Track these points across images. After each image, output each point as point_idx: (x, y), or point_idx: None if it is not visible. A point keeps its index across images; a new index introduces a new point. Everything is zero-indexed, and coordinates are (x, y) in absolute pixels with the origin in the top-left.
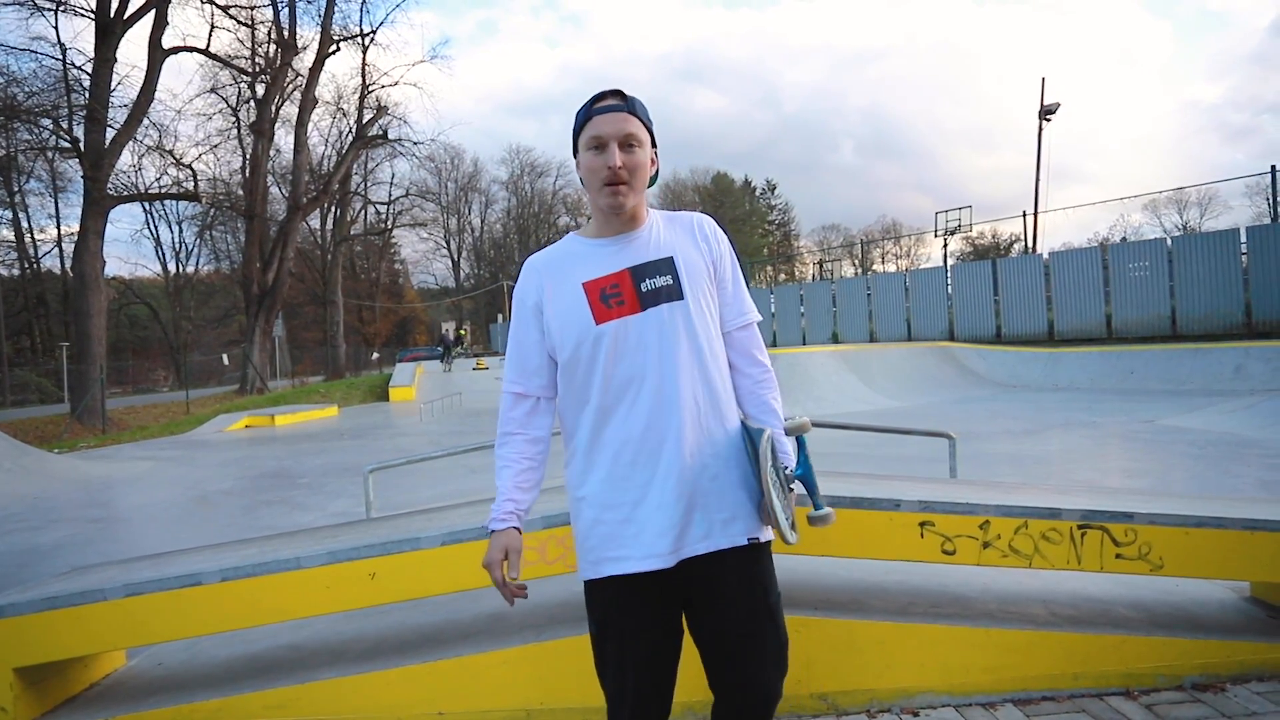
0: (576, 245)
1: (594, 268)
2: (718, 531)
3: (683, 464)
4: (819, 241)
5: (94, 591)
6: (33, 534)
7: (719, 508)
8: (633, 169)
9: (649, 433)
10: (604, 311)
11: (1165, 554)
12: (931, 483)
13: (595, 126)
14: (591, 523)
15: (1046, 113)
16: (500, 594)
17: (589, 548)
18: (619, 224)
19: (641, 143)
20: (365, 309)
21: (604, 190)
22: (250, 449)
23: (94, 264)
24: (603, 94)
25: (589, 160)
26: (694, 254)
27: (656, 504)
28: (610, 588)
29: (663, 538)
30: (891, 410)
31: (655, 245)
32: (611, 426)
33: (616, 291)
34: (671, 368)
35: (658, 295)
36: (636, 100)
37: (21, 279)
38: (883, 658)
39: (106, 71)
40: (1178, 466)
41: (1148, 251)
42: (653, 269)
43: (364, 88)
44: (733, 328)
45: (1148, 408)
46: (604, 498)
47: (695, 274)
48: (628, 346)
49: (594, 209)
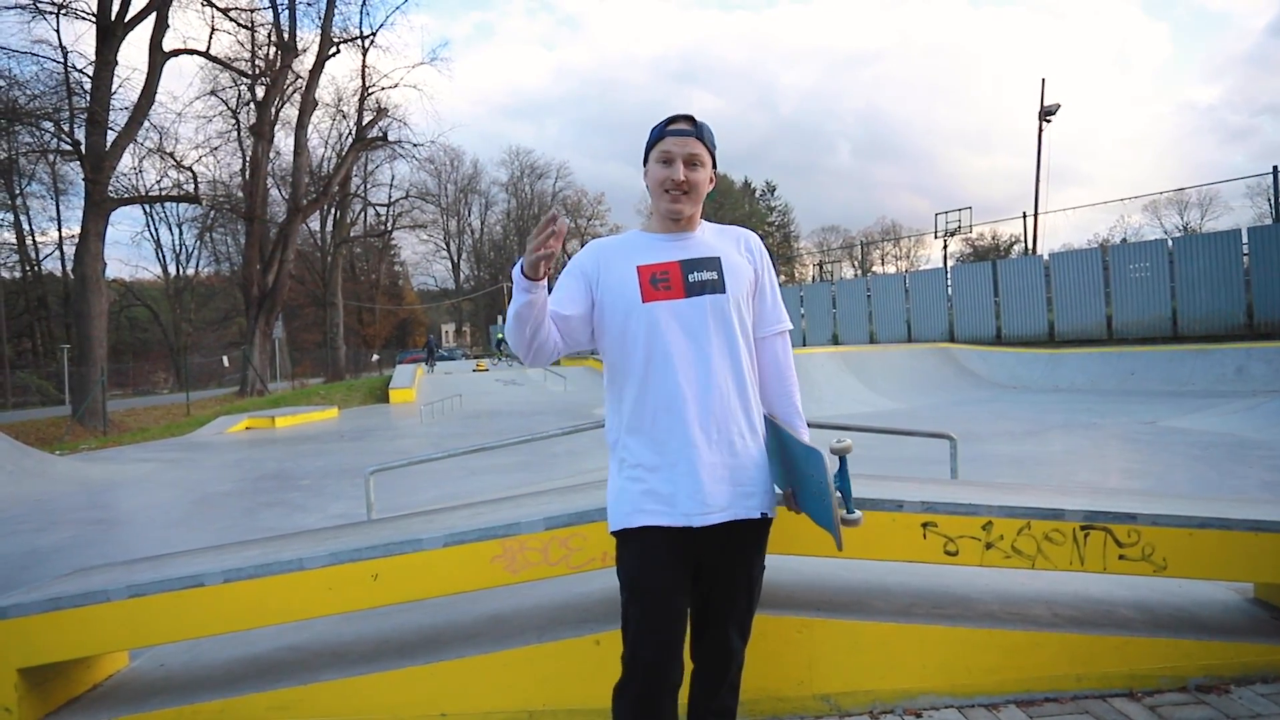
0: (637, 237)
1: (649, 255)
2: (739, 503)
3: (710, 438)
4: (818, 243)
5: (97, 593)
6: (34, 536)
7: (740, 481)
8: (694, 184)
9: (684, 405)
10: (651, 292)
11: (1169, 555)
12: (934, 484)
13: (666, 144)
14: (630, 479)
15: (1046, 113)
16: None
17: (626, 498)
18: (676, 227)
19: (704, 164)
20: (365, 311)
21: (665, 196)
22: (251, 451)
23: (95, 266)
24: (677, 117)
25: (657, 171)
26: (739, 261)
27: (686, 470)
28: (643, 539)
29: (691, 499)
30: (891, 411)
31: (705, 246)
32: (651, 395)
33: (665, 278)
34: (705, 351)
35: (703, 286)
36: (705, 126)
37: (23, 281)
38: (885, 659)
39: (107, 74)
40: (1179, 468)
41: (1148, 252)
42: (701, 264)
43: (364, 90)
44: (769, 333)
45: (1149, 409)
46: (642, 458)
47: (738, 277)
48: (669, 326)
49: (655, 212)
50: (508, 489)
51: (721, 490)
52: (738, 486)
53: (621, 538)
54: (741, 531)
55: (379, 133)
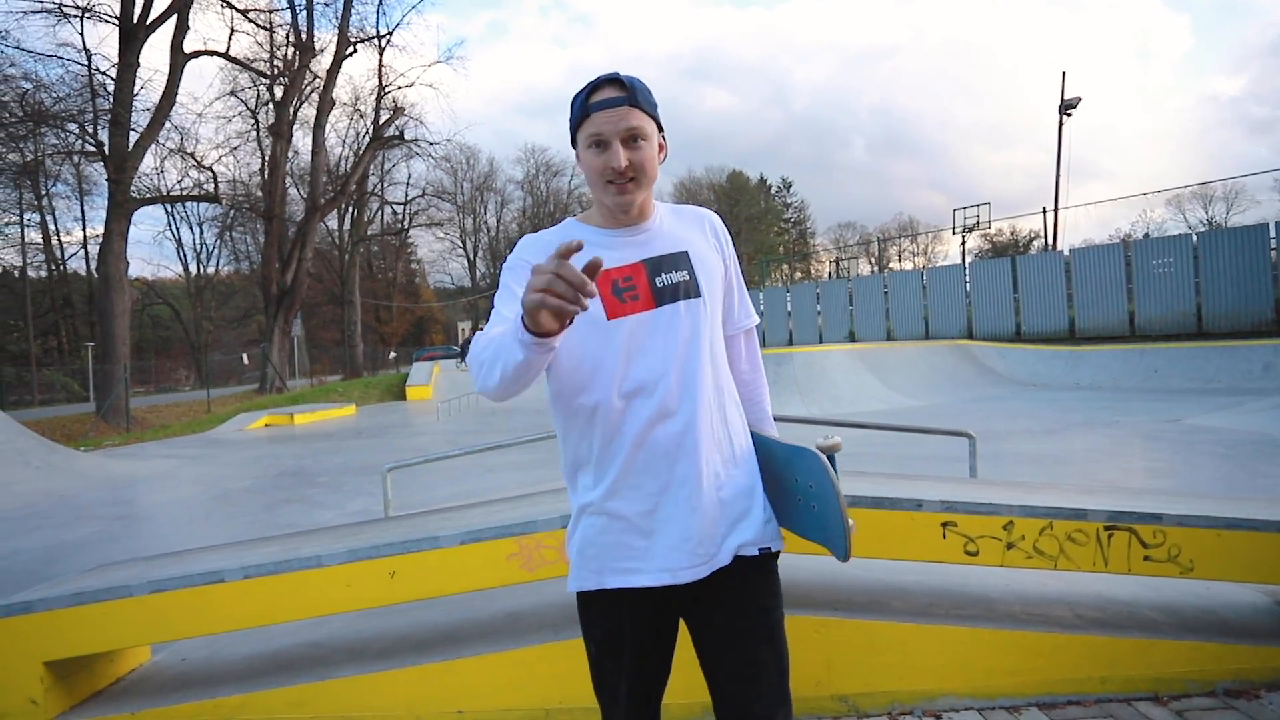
0: (581, 231)
1: (604, 257)
2: (729, 544)
3: (699, 471)
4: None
5: (120, 588)
6: (60, 530)
7: (732, 519)
8: (640, 165)
9: (664, 438)
10: (616, 306)
11: (1196, 556)
12: (953, 482)
13: (594, 124)
14: (598, 530)
15: (1067, 107)
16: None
17: (590, 556)
18: (626, 217)
19: (648, 136)
20: (382, 308)
21: (609, 190)
22: (270, 448)
23: (118, 265)
24: (598, 83)
25: (590, 159)
26: (708, 251)
27: (669, 515)
28: (613, 601)
29: (676, 551)
30: (909, 409)
31: (668, 238)
32: (624, 430)
33: (630, 285)
34: (687, 369)
35: (675, 291)
36: (637, 85)
37: (49, 280)
38: (904, 659)
39: (130, 76)
40: (1205, 467)
41: (1172, 248)
42: (668, 263)
43: (380, 89)
44: (738, 330)
45: (1173, 407)
46: (613, 505)
47: (710, 272)
48: (642, 345)
49: (598, 204)
50: (524, 486)
51: (711, 534)
52: (731, 525)
53: (584, 599)
54: (739, 573)
55: (395, 131)
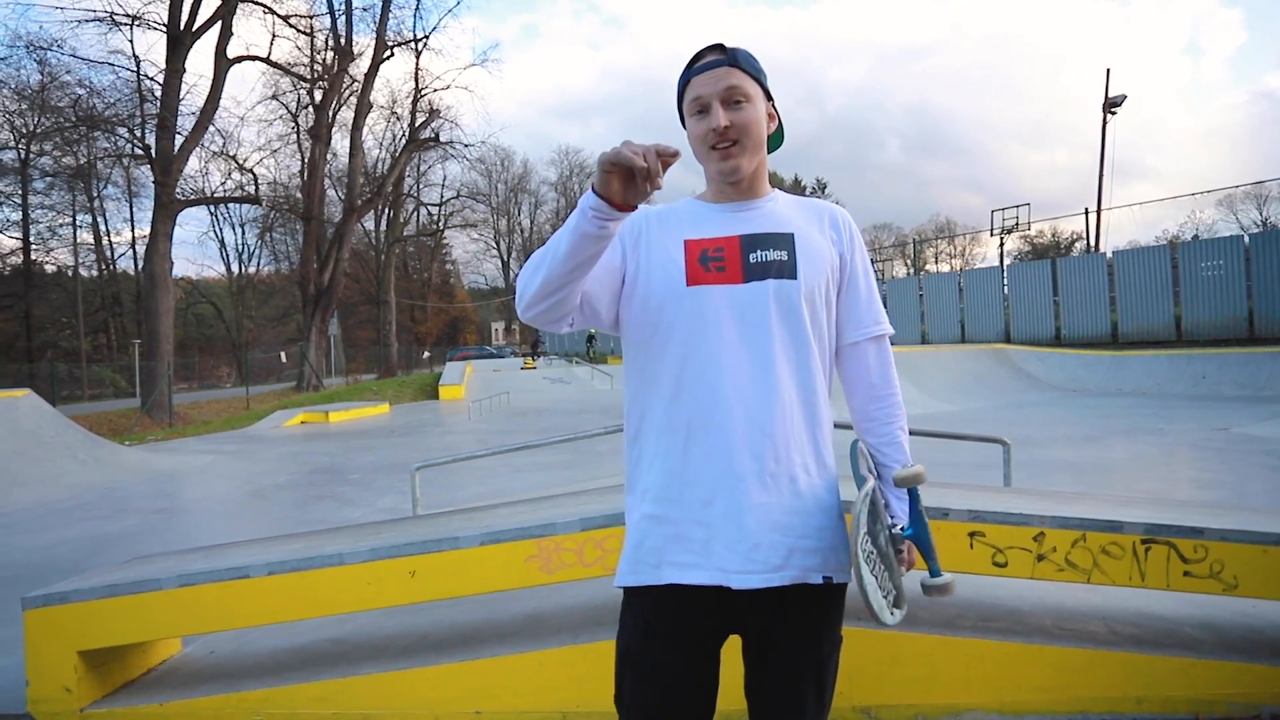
0: (690, 205)
1: (701, 228)
2: (796, 561)
3: (763, 468)
4: (870, 241)
5: (150, 580)
6: (104, 522)
7: (800, 532)
8: (743, 126)
9: (730, 421)
10: (699, 274)
11: (1240, 573)
12: (983, 491)
13: (695, 88)
14: (654, 519)
15: (1112, 105)
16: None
17: (647, 548)
18: (735, 191)
19: (750, 97)
20: (417, 308)
21: (712, 154)
22: (305, 445)
23: (163, 265)
24: (701, 51)
25: (694, 127)
26: (819, 239)
27: (726, 510)
28: (659, 599)
29: (731, 550)
30: (944, 414)
31: (775, 218)
32: (686, 407)
33: (719, 256)
34: (765, 352)
35: (766, 269)
36: (740, 50)
37: (99, 279)
38: (928, 672)
39: (176, 81)
40: (1255, 478)
41: (1222, 249)
42: (766, 240)
43: (416, 91)
44: (863, 337)
45: (1221, 414)
46: (670, 491)
47: (816, 259)
48: (717, 319)
49: (708, 178)
50: (551, 487)
51: (774, 542)
52: (798, 539)
53: (629, 595)
54: (801, 600)
55: (431, 133)
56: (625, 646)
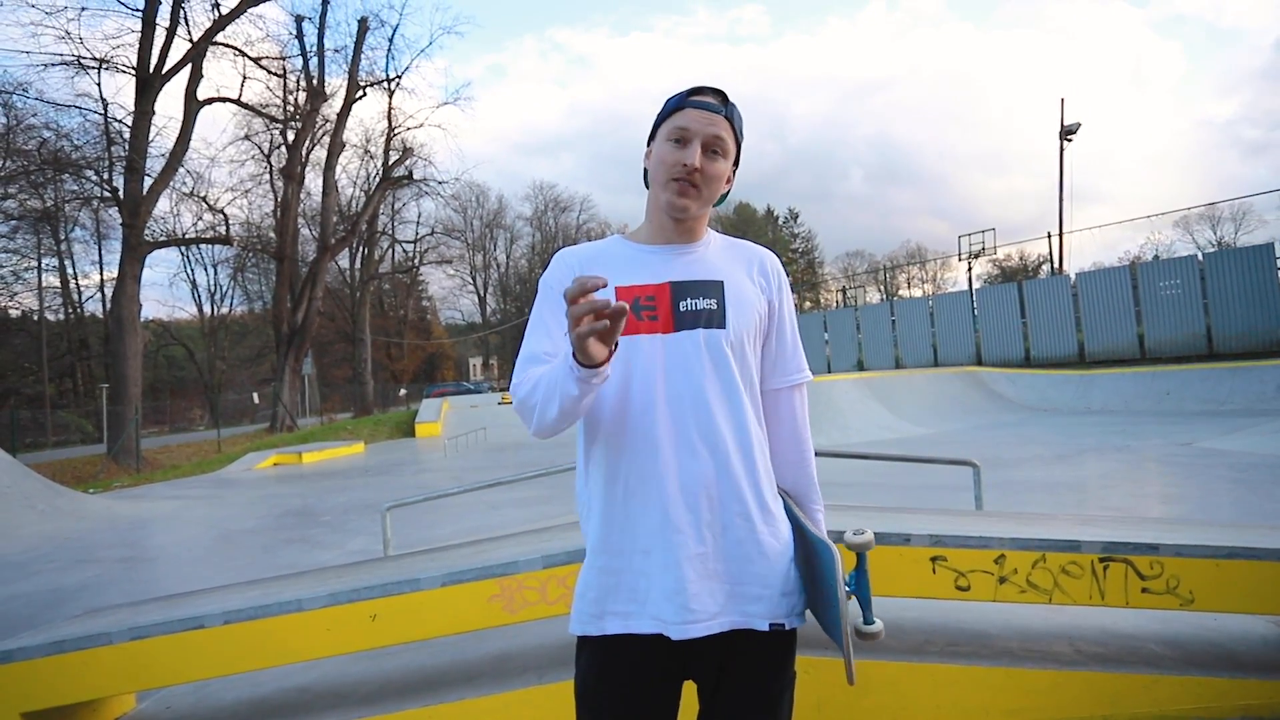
0: (619, 247)
1: (633, 273)
2: (736, 608)
3: (698, 519)
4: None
5: (99, 635)
6: (61, 575)
7: (739, 579)
8: (710, 176)
9: (662, 471)
10: (632, 323)
11: (1195, 587)
12: (946, 515)
13: (684, 118)
14: (597, 570)
15: (1067, 133)
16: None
17: (589, 599)
18: (673, 232)
19: (726, 153)
20: (393, 346)
21: (671, 186)
22: (276, 487)
23: (131, 308)
24: (703, 88)
25: (664, 152)
26: (748, 286)
27: (664, 561)
28: (607, 648)
29: (669, 602)
30: (918, 437)
31: (706, 265)
32: (625, 460)
33: (651, 304)
34: (699, 401)
35: (696, 318)
36: (735, 108)
37: (66, 323)
38: (896, 700)
39: (145, 123)
40: (1219, 491)
41: (1179, 269)
42: (697, 289)
43: (390, 130)
44: (784, 385)
45: (1185, 430)
46: (610, 542)
47: (744, 307)
48: (650, 368)
49: (652, 208)
50: (526, 523)
51: (712, 590)
52: (737, 585)
53: (581, 641)
54: (748, 646)
55: (405, 171)
56: (581, 689)
